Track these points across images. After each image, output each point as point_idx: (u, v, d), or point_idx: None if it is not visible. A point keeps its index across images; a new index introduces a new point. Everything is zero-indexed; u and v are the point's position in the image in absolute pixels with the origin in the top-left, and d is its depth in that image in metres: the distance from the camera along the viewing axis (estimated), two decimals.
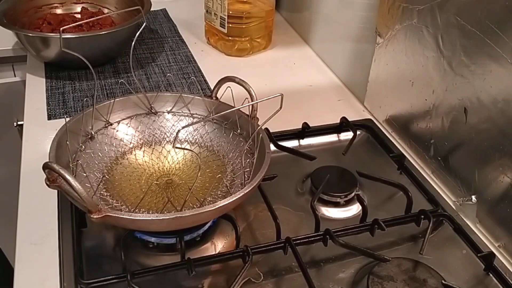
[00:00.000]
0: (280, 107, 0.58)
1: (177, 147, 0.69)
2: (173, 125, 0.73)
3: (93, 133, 0.68)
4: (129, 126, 0.71)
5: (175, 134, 0.71)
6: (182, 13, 1.25)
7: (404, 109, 0.81)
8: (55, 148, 0.60)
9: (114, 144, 0.69)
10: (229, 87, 0.69)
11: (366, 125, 0.85)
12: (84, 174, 0.62)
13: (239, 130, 0.70)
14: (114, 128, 0.70)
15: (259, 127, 0.65)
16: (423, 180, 0.74)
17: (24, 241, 0.62)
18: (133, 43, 0.72)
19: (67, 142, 0.62)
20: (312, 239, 0.63)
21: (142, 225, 0.56)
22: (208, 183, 0.66)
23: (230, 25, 1.04)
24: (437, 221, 0.68)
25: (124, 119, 0.71)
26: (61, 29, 0.64)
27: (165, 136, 0.72)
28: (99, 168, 0.66)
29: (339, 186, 0.71)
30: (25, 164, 0.75)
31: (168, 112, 0.73)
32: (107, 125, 0.70)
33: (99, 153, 0.67)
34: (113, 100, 0.70)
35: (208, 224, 0.64)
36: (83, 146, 0.66)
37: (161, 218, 0.53)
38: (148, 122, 0.72)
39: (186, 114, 0.73)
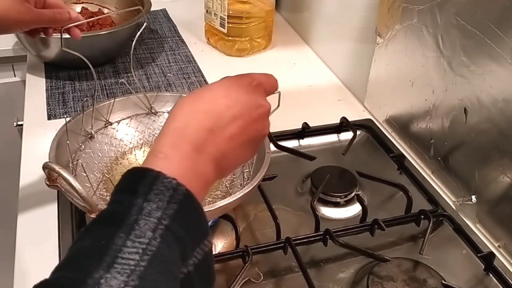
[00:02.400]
0: (278, 105, 0.58)
1: None
2: None
3: (93, 132, 0.68)
4: (129, 126, 0.71)
5: None
6: (182, 13, 1.25)
7: (404, 109, 0.81)
8: (55, 148, 0.60)
9: (114, 144, 0.69)
10: None
11: (366, 125, 0.85)
12: (84, 174, 0.62)
13: None
14: (114, 128, 0.70)
15: None
16: (423, 180, 0.74)
17: (24, 241, 0.62)
18: (133, 43, 0.72)
19: (67, 142, 0.62)
20: (312, 239, 0.63)
21: None
22: None
23: (230, 25, 1.04)
24: (437, 221, 0.68)
25: (124, 119, 0.71)
26: (62, 28, 0.65)
27: None
28: (99, 168, 0.66)
29: (339, 186, 0.71)
30: (25, 164, 0.75)
31: (168, 112, 0.73)
32: (106, 124, 0.70)
33: (99, 153, 0.67)
34: (113, 100, 0.70)
35: (208, 224, 0.64)
36: (83, 146, 0.66)
37: None
38: (148, 122, 0.72)
39: None
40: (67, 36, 0.90)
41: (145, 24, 0.75)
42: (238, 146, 0.43)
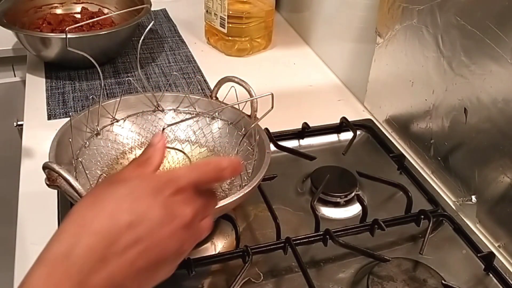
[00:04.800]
0: (272, 107, 0.58)
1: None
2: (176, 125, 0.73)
3: (99, 129, 0.68)
4: (134, 123, 0.71)
5: (168, 132, 0.72)
6: (182, 13, 1.25)
7: (404, 109, 0.81)
8: (55, 148, 0.60)
9: (118, 141, 0.69)
10: (232, 86, 0.69)
11: (366, 125, 0.85)
12: (86, 172, 0.62)
13: (243, 130, 0.70)
14: (120, 125, 0.70)
15: (254, 124, 0.65)
16: (423, 180, 0.74)
17: (24, 241, 0.62)
18: (141, 40, 0.72)
19: (70, 140, 0.62)
20: (312, 239, 0.63)
21: None
22: None
23: (230, 25, 1.04)
24: (437, 221, 0.68)
25: (130, 115, 0.71)
26: (66, 28, 0.65)
27: (167, 136, 0.72)
28: (101, 166, 0.66)
29: (339, 186, 0.71)
30: (25, 164, 0.75)
31: (174, 111, 0.73)
32: (113, 121, 0.70)
33: (102, 150, 0.67)
34: (119, 98, 0.70)
35: None
36: (88, 143, 0.66)
37: None
38: (154, 120, 0.72)
39: (192, 115, 0.73)
40: (71, 36, 0.91)
41: (152, 22, 0.76)
42: (141, 273, 0.36)
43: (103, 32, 0.93)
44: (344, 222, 0.68)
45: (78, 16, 1.07)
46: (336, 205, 0.70)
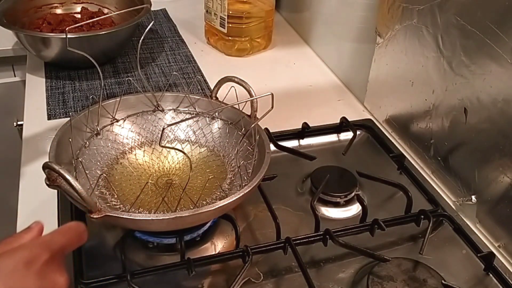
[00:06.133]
0: (272, 107, 0.58)
1: (164, 146, 0.69)
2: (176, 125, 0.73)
3: (99, 129, 0.68)
4: (134, 123, 0.71)
5: (168, 132, 0.72)
6: (182, 13, 1.25)
7: (404, 109, 0.81)
8: (55, 147, 0.60)
9: (117, 141, 0.69)
10: (232, 86, 0.69)
11: (366, 125, 0.85)
12: (85, 172, 0.62)
13: (243, 130, 0.70)
14: (120, 125, 0.70)
15: (254, 124, 0.65)
16: (423, 180, 0.74)
17: None
18: (141, 40, 0.72)
19: (70, 140, 0.62)
20: (312, 239, 0.63)
21: (142, 225, 0.56)
22: (208, 183, 0.66)
23: (230, 25, 1.04)
24: (437, 221, 0.68)
25: (130, 115, 0.71)
26: (66, 29, 0.66)
27: (167, 135, 0.72)
28: (100, 166, 0.66)
29: (339, 186, 0.71)
30: (25, 164, 0.75)
31: (174, 111, 0.73)
32: (113, 121, 0.70)
33: (103, 150, 0.67)
34: (119, 98, 0.70)
35: (208, 224, 0.64)
36: (88, 143, 0.66)
37: (161, 218, 0.53)
38: (154, 120, 0.72)
39: (192, 115, 0.73)
40: (71, 35, 0.91)
41: (152, 22, 0.76)
42: None
43: (103, 32, 0.93)
44: (344, 222, 0.68)
45: (78, 16, 1.07)
46: (336, 205, 0.70)
